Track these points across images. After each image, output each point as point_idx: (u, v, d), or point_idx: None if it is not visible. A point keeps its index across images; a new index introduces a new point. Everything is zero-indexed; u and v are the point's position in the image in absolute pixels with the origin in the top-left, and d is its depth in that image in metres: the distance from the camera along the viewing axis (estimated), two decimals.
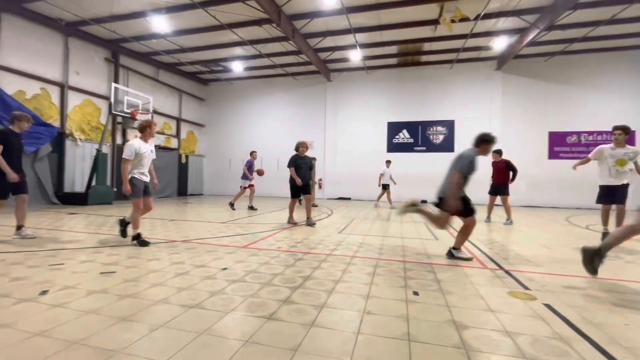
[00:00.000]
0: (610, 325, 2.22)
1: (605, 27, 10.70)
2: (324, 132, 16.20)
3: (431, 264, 3.73)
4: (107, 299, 2.47)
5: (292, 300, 2.52)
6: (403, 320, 2.21)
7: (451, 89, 14.58)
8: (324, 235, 5.58)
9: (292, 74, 16.22)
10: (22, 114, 4.80)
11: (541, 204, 13.15)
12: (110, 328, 2.02)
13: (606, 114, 12.92)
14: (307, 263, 3.65)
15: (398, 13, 10.37)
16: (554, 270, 3.63)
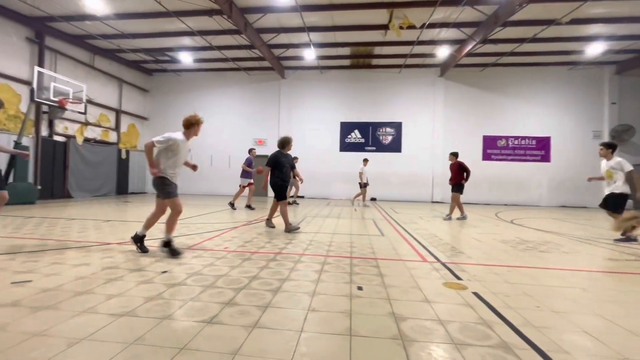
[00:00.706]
0: (525, 308, 2.50)
1: (528, 45, 12.07)
2: (277, 130, 16.01)
3: (376, 259, 3.88)
4: (16, 313, 2.17)
5: (236, 302, 2.45)
6: (346, 315, 2.27)
7: (399, 92, 15.34)
8: (274, 234, 5.52)
9: (245, 69, 15.77)
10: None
11: (475, 201, 14.42)
12: (17, 347, 1.77)
13: (530, 121, 14.60)
14: (254, 263, 3.57)
15: (350, 15, 10.61)
16: (483, 261, 4.00)
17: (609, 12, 9.91)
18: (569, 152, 14.36)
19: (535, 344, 1.94)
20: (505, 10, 9.42)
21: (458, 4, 9.58)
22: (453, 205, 8.25)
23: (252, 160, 9.66)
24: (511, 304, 2.59)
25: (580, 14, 9.82)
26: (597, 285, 3.16)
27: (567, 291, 2.94)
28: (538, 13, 9.93)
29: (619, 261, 4.23)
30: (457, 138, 14.87)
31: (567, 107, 14.45)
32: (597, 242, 5.59)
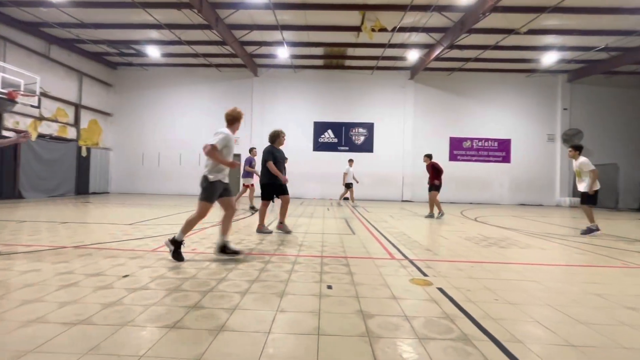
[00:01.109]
0: (485, 302, 2.64)
1: (491, 51, 12.75)
2: (250, 128, 15.77)
3: (347, 258, 3.93)
4: None
5: (202, 305, 2.38)
6: (315, 315, 2.27)
7: (372, 94, 15.64)
8: (245, 234, 5.42)
9: (217, 65, 15.38)
10: None
11: (443, 200, 15.00)
12: None
13: (492, 124, 15.44)
14: (222, 264, 3.49)
15: (323, 15, 10.66)
16: (448, 257, 4.17)
17: (562, 25, 10.69)
18: (526, 154, 15.35)
19: (493, 335, 2.05)
20: (470, 17, 9.88)
21: (427, 10, 9.93)
22: (432, 204, 8.66)
23: (253, 159, 9.34)
24: (472, 298, 2.72)
25: (536, 25, 10.52)
26: (548, 278, 3.39)
27: (522, 284, 3.14)
28: (500, 22, 10.51)
29: (568, 255, 4.58)
30: (426, 139, 15.40)
31: (525, 111, 15.44)
32: (550, 237, 6.01)
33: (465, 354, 1.82)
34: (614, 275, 3.57)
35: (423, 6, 9.82)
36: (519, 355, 1.82)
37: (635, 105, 15.06)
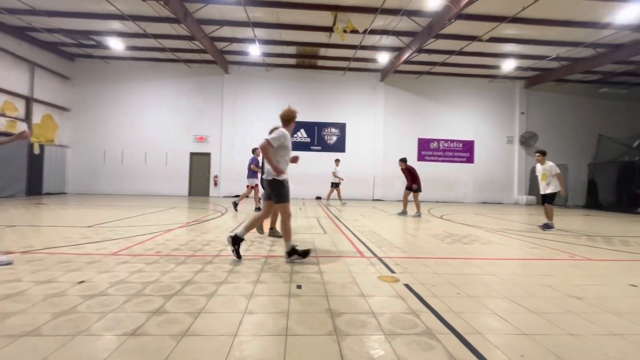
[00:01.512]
0: (448, 296, 2.76)
1: (456, 57, 13.34)
2: (220, 127, 15.36)
3: (317, 257, 3.94)
4: None
5: (165, 309, 2.28)
6: (283, 315, 2.26)
7: (344, 94, 15.80)
8: (214, 235, 5.28)
9: (185, 61, 14.82)
10: None
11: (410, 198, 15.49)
12: None
13: (457, 126, 16.16)
14: (189, 267, 3.37)
15: (296, 14, 10.61)
16: (415, 254, 4.31)
17: (519, 34, 11.41)
18: (488, 155, 16.23)
19: (455, 328, 2.15)
20: (437, 23, 10.26)
21: (396, 14, 10.19)
22: (417, 203, 9.15)
23: (258, 159, 8.99)
24: (437, 292, 2.83)
25: (497, 33, 11.14)
26: (505, 271, 3.61)
27: (483, 278, 3.32)
28: (464, 29, 11.02)
29: (523, 249, 4.90)
30: (395, 140, 15.82)
31: (487, 114, 16.31)
32: (508, 233, 6.40)
33: (429, 347, 1.89)
34: (562, 267, 3.87)
35: (393, 10, 10.07)
36: (477, 346, 1.92)
37: (583, 111, 16.42)
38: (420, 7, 9.86)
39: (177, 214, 8.07)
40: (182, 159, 15.26)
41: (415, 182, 8.98)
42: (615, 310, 2.55)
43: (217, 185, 15.35)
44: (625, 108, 16.46)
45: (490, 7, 9.62)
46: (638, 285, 3.21)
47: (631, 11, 9.34)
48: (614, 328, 2.22)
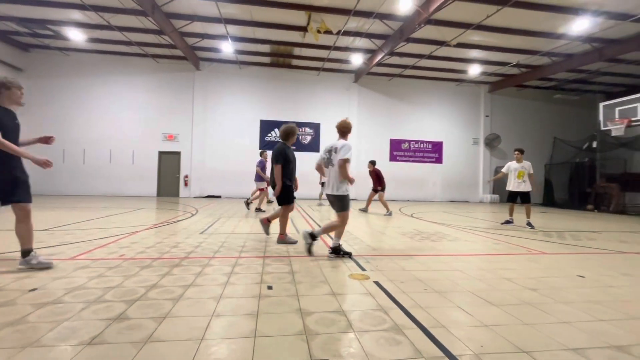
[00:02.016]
0: (415, 292, 2.85)
1: (426, 60, 13.81)
2: (191, 125, 14.89)
3: (289, 257, 3.93)
4: None
5: (127, 316, 2.17)
6: (252, 317, 2.23)
7: (318, 94, 15.86)
8: (183, 237, 5.11)
9: (154, 56, 14.21)
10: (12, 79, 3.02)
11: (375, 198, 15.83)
12: None
13: (427, 127, 16.74)
14: (154, 270, 3.24)
15: (269, 13, 10.51)
16: (385, 252, 4.41)
17: (484, 41, 12.00)
18: (455, 155, 16.94)
19: (421, 323, 2.22)
20: (408, 27, 10.57)
21: (369, 16, 10.37)
22: (384, 203, 9.51)
23: (265, 162, 9.22)
24: (405, 289, 2.91)
25: (464, 39, 11.65)
26: (470, 267, 3.78)
27: (449, 273, 3.46)
28: (433, 34, 11.43)
29: (487, 245, 5.16)
30: (368, 140, 16.11)
31: (455, 117, 17.03)
32: (474, 230, 6.72)
33: (396, 343, 1.94)
34: (521, 261, 4.12)
35: (366, 12, 10.24)
36: (441, 339, 2.00)
37: (540, 115, 17.58)
38: (392, 10, 10.10)
39: (144, 216, 7.72)
40: (150, 158, 14.63)
41: (380, 184, 9.52)
42: (565, 299, 2.75)
43: (188, 186, 14.87)
44: (576, 113, 17.81)
45: (458, 14, 10.05)
46: (585, 276, 3.49)
47: (581, 24, 10.12)
48: (564, 316, 2.39)
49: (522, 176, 7.25)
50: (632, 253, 4.81)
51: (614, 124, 10.58)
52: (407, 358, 1.77)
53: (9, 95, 3.00)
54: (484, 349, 1.89)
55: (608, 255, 4.60)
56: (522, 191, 7.30)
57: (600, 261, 4.23)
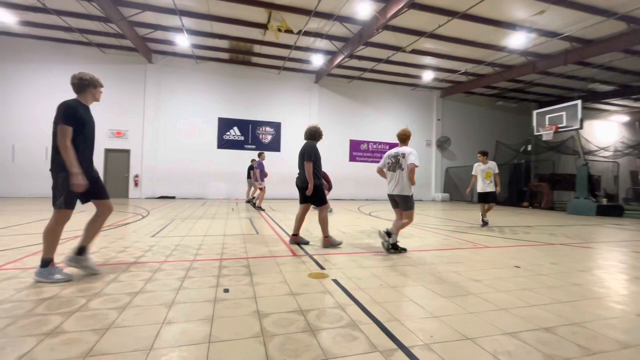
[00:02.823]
0: (372, 288, 2.94)
1: (384, 65, 14.34)
2: (142, 121, 13.96)
3: (247, 259, 3.85)
4: None
5: (63, 329, 1.98)
6: (207, 322, 2.15)
7: (279, 93, 15.73)
8: (132, 240, 4.77)
9: (99, 45, 13.08)
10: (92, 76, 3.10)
11: (341, 197, 16.19)
12: None
13: (385, 129, 17.39)
14: (98, 278, 2.98)
15: (228, 7, 10.20)
16: (344, 250, 4.50)
17: (436, 49, 12.76)
18: None
19: (376, 318, 2.30)
20: (366, 31, 10.88)
21: (330, 18, 10.52)
22: None
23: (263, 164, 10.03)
24: (362, 285, 3.00)
25: (418, 46, 12.29)
26: (423, 261, 3.99)
27: (403, 269, 3.62)
28: (390, 40, 11.90)
29: (437, 241, 5.49)
30: (329, 141, 16.28)
31: (410, 119, 17.89)
32: (426, 227, 7.11)
33: (352, 338, 1.99)
34: (467, 255, 4.45)
35: (326, 14, 10.36)
36: (395, 332, 2.09)
37: (485, 120, 19.13)
38: (352, 14, 10.33)
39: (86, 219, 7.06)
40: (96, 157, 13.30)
41: (328, 185, 9.77)
42: (504, 288, 3.02)
43: (139, 186, 13.91)
44: (515, 119, 19.65)
45: (413, 21, 10.57)
46: (521, 266, 3.86)
47: (518, 39, 11.20)
48: (502, 304, 2.62)
49: (489, 177, 7.22)
50: (558, 244, 5.42)
51: (544, 130, 11.84)
52: (363, 352, 1.82)
53: (93, 94, 3.14)
54: (433, 338, 2.01)
55: (539, 247, 5.14)
56: (490, 191, 7.24)
57: (533, 252, 4.71)
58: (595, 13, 9.58)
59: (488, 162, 7.42)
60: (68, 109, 2.84)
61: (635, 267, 4.03)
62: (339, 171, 15.83)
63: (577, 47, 11.73)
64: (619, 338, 2.08)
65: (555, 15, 9.90)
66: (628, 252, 4.98)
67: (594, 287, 3.14)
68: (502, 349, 1.90)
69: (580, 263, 4.13)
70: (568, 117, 11.11)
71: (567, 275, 3.51)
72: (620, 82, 15.69)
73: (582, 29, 10.47)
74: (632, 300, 2.82)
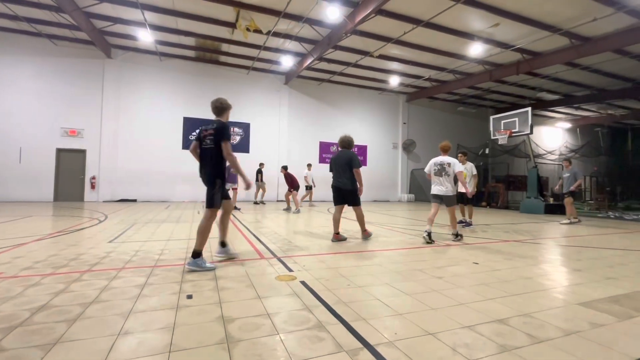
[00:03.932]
0: (339, 288, 2.97)
1: (352, 68, 14.61)
2: (99, 119, 13.09)
3: (213, 263, 3.73)
4: None
5: (1, 347, 1.80)
6: (168, 330, 2.05)
7: (248, 94, 15.46)
8: (87, 247, 4.44)
9: (50, 37, 12.09)
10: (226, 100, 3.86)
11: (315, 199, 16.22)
12: None
13: (354, 131, 17.64)
14: (45, 289, 2.75)
15: (194, 4, 9.88)
16: (313, 251, 4.51)
17: (402, 55, 13.22)
18: (377, 158, 18.29)
19: (343, 318, 2.32)
20: (335, 35, 11.03)
21: (299, 20, 10.53)
22: (296, 201, 10.44)
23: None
24: (329, 286, 3.02)
25: (385, 51, 12.66)
26: (389, 260, 4.11)
27: (370, 268, 3.70)
28: (359, 44, 12.15)
29: (404, 241, 5.67)
30: (299, 142, 16.32)
31: (377, 122, 18.38)
32: (393, 227, 7.31)
33: (318, 340, 2.00)
34: (430, 253, 4.64)
35: (296, 16, 10.36)
36: (361, 331, 2.12)
37: (447, 124, 20.10)
38: (321, 17, 10.42)
39: (35, 224, 6.49)
40: (45, 157, 12.41)
41: (293, 186, 10.61)
42: (463, 284, 3.18)
43: (96, 188, 13.01)
44: (475, 124, 20.84)
45: (380, 27, 10.87)
46: (479, 262, 4.10)
47: (476, 48, 11.91)
48: (461, 299, 2.77)
49: (465, 177, 7.04)
50: (512, 241, 5.82)
51: (500, 134, 12.68)
52: (329, 353, 1.84)
53: (228, 115, 3.84)
54: (397, 335, 2.07)
55: (495, 244, 5.48)
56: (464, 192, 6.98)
57: (490, 249, 5.02)
58: (542, 28, 10.43)
59: (467, 163, 7.32)
60: (228, 128, 3.61)
61: (575, 260, 4.43)
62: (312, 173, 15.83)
63: (528, 59, 12.70)
64: (562, 326, 2.27)
65: (509, 29, 10.66)
66: (569, 246, 5.46)
67: (541, 280, 3.41)
68: (460, 342, 2.00)
69: (530, 258, 4.46)
70: (520, 122, 11.98)
71: (519, 270, 3.78)
72: (564, 92, 17.20)
73: (531, 42, 11.36)
74: (573, 291, 3.10)
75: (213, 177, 3.57)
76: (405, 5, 9.53)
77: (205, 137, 3.61)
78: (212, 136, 3.55)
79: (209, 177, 3.57)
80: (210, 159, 3.56)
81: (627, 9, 9.10)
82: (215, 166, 3.57)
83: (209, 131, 3.59)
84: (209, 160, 3.57)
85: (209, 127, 3.61)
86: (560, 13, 9.67)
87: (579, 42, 11.09)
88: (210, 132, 3.56)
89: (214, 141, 3.52)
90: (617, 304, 2.72)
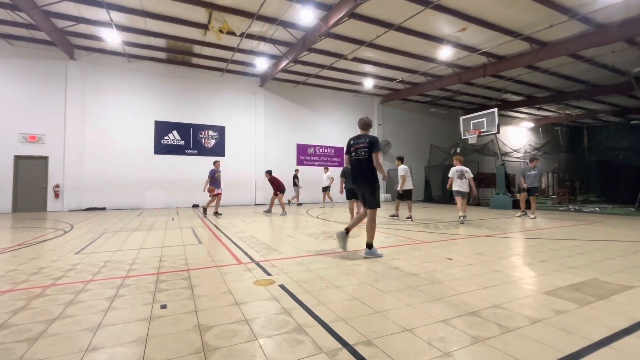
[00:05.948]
0: (318, 290, 2.98)
1: (328, 71, 14.73)
2: (63, 124, 12.38)
3: (188, 271, 3.63)
4: None
5: None
6: (140, 343, 1.97)
7: (222, 96, 15.18)
8: (50, 260, 4.18)
9: (5, 36, 11.32)
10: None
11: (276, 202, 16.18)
12: None
13: (330, 133, 17.82)
14: (3, 306, 2.56)
15: (163, 3, 9.60)
16: (292, 254, 4.49)
17: (375, 58, 13.49)
18: None
19: (322, 319, 2.33)
20: (310, 38, 11.08)
21: (273, 22, 10.48)
22: (282, 203, 10.70)
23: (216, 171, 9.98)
24: (308, 288, 3.02)
25: (359, 54, 12.87)
26: (367, 260, 4.16)
27: (348, 268, 3.73)
28: (333, 47, 12.27)
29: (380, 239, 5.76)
30: (276, 145, 16.21)
31: (353, 124, 18.56)
32: None
33: (297, 343, 1.99)
34: (407, 250, 4.75)
35: (270, 18, 10.31)
36: (340, 332, 2.14)
37: (420, 125, 20.72)
38: (295, 20, 10.43)
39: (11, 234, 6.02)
40: (1, 165, 11.55)
41: (279, 189, 10.60)
42: (438, 280, 3.28)
43: (60, 197, 12.28)
44: (446, 124, 21.61)
45: (353, 30, 11.04)
46: (452, 258, 4.24)
47: (446, 52, 12.37)
48: (436, 294, 2.85)
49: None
50: (483, 236, 6.07)
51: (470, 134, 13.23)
52: (308, 355, 1.84)
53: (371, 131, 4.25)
54: (376, 334, 2.10)
55: (468, 239, 5.70)
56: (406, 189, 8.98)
57: (462, 245, 5.21)
58: (505, 33, 11.01)
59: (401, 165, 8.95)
60: (379, 142, 4.20)
61: (540, 251, 4.69)
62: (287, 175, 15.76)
63: (493, 62, 13.35)
64: (530, 315, 2.40)
65: (475, 33, 11.16)
66: (534, 239, 5.78)
67: (510, 272, 3.58)
68: (435, 336, 2.06)
69: (500, 252, 4.67)
70: (488, 122, 12.56)
71: (490, 263, 3.95)
72: (527, 94, 18.22)
73: (496, 46, 11.95)
74: (539, 281, 3.28)
75: (372, 182, 4.22)
76: (377, 9, 9.74)
77: (358, 149, 4.26)
78: (366, 148, 4.21)
79: (369, 183, 4.23)
80: (367, 167, 4.22)
81: (579, 17, 9.80)
82: (373, 173, 4.24)
83: (361, 145, 4.26)
84: (366, 169, 4.22)
85: (361, 142, 4.27)
86: (520, 19, 10.24)
87: (538, 46, 11.80)
88: (364, 145, 4.23)
89: (368, 152, 4.20)
90: (578, 291, 2.91)
